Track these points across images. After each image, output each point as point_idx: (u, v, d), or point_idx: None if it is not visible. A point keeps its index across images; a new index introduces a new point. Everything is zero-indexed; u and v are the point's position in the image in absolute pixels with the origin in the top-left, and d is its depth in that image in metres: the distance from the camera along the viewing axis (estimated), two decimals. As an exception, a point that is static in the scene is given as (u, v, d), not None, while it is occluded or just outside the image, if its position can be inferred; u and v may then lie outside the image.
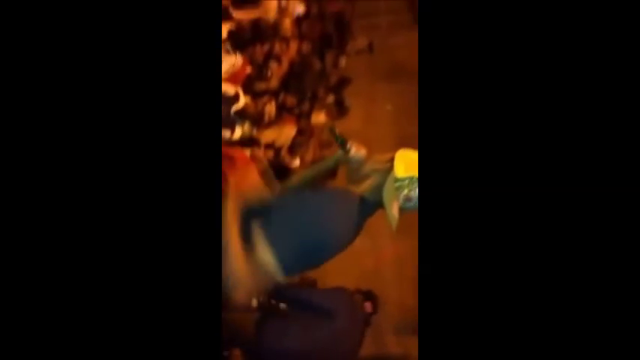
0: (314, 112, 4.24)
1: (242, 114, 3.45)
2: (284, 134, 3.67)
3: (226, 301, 1.13)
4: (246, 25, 4.26)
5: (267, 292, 1.42)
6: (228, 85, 3.20)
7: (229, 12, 3.96)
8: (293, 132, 3.69)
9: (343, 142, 1.51)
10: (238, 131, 3.35)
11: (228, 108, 3.27)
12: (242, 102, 3.55)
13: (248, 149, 3.24)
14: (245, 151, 3.21)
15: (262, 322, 1.68)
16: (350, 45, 5.69)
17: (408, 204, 1.34)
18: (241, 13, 4.48)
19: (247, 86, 3.78)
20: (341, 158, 1.53)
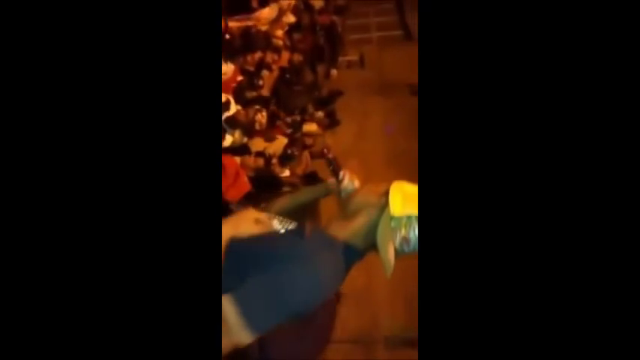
0: (306, 123, 4.18)
1: (233, 122, 3.40)
2: (275, 143, 3.60)
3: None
4: (237, 34, 4.24)
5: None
6: (219, 91, 3.13)
7: (222, 20, 3.94)
8: (284, 141, 3.62)
9: (336, 170, 1.32)
10: (229, 139, 3.28)
11: (218, 115, 3.22)
12: (233, 110, 3.50)
13: (238, 157, 3.16)
14: (235, 159, 3.12)
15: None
16: (341, 58, 5.70)
17: (406, 247, 1.15)
18: (233, 22, 4.46)
19: (238, 94, 3.73)
20: (332, 187, 1.34)
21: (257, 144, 3.45)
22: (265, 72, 4.02)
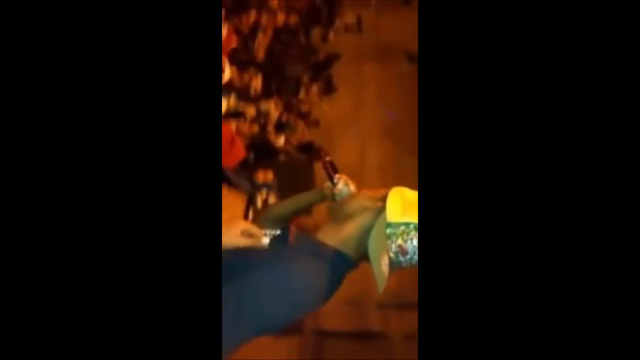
0: (302, 88, 4.09)
1: (227, 87, 3.30)
2: (270, 109, 3.52)
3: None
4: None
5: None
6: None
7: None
8: (279, 107, 3.54)
9: (331, 173, 1.19)
10: (224, 104, 3.19)
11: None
12: (227, 74, 3.39)
13: (233, 122, 3.08)
14: (230, 125, 3.04)
15: None
16: (338, 21, 5.53)
17: (402, 258, 1.02)
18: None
19: (233, 58, 3.61)
20: (327, 192, 1.21)
21: (252, 110, 3.36)
22: (260, 34, 3.89)
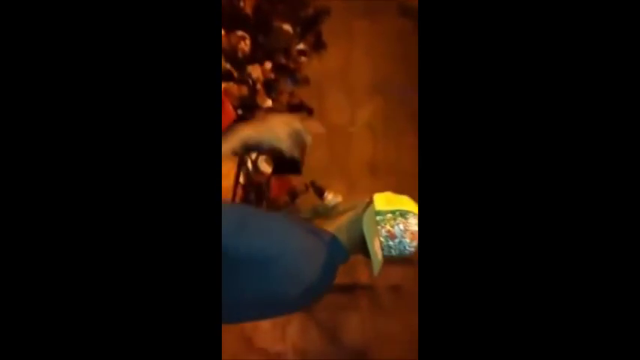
0: (291, 46, 4.02)
1: (214, 47, 3.23)
2: (258, 70, 3.47)
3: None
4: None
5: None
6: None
7: None
8: (268, 67, 3.49)
9: (320, 192, 1.35)
10: (211, 66, 3.14)
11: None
12: (214, 34, 3.32)
13: (222, 84, 3.05)
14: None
15: None
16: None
17: (391, 242, 1.15)
18: None
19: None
20: (319, 209, 1.35)
21: (240, 71, 3.33)
22: (247, -10, 3.77)
